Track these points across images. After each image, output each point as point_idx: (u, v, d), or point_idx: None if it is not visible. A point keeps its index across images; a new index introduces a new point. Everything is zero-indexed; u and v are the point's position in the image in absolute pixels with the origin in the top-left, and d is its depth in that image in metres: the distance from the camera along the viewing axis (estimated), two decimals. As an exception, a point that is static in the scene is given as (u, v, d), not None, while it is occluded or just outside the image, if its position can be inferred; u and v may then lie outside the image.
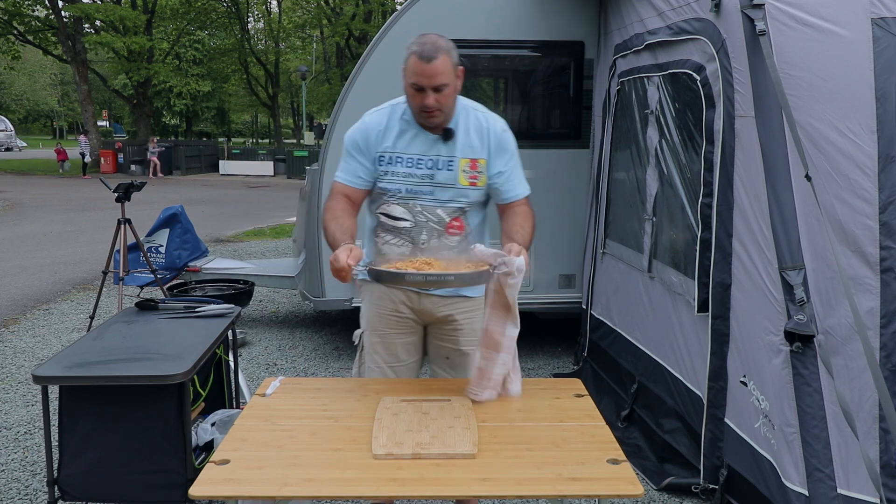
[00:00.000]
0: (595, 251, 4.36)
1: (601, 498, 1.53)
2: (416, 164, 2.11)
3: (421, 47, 1.96)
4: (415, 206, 2.13)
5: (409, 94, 2.04)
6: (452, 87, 2.02)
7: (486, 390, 1.91)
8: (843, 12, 2.45)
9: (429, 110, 2.01)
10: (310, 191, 4.77)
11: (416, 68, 1.96)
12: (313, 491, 1.50)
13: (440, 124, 2.08)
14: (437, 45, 1.97)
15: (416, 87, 1.99)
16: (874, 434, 2.34)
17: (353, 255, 1.88)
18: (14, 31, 23.81)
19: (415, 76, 1.97)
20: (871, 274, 2.37)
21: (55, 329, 5.48)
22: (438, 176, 2.11)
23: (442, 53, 1.96)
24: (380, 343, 2.27)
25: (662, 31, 3.34)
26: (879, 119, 2.38)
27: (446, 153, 2.11)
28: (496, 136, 2.13)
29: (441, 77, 1.96)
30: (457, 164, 2.11)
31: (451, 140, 2.10)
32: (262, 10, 31.76)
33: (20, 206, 14.32)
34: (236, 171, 24.66)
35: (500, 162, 2.13)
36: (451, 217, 2.14)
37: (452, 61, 2.00)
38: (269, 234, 10.79)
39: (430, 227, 2.14)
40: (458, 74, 2.04)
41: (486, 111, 2.18)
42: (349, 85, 4.41)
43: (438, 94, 1.98)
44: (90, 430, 2.31)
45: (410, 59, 1.98)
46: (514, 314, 1.88)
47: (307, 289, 4.89)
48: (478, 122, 2.14)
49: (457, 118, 2.12)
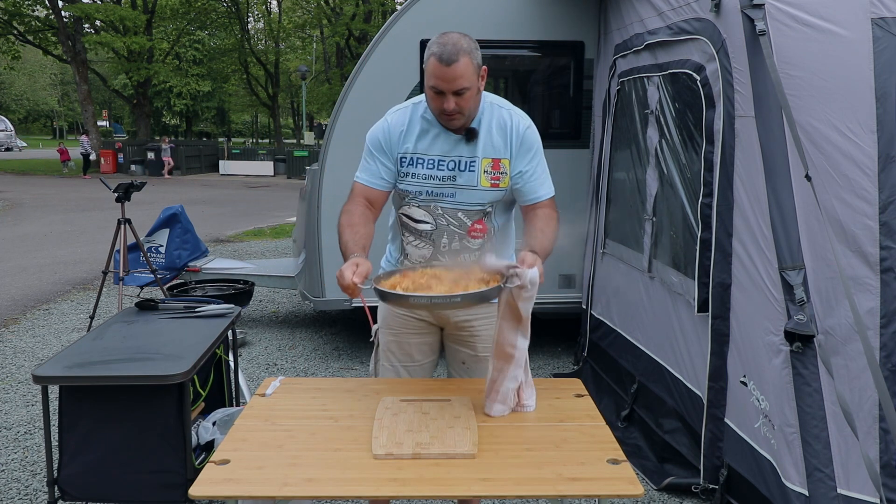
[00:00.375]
0: (595, 251, 4.36)
1: (601, 498, 1.53)
2: (437, 166, 2.03)
3: (441, 49, 1.86)
4: (436, 209, 2.06)
5: (428, 95, 1.96)
6: (474, 89, 1.93)
7: (495, 403, 1.84)
8: (843, 12, 2.45)
9: (449, 114, 1.92)
10: (310, 191, 4.77)
11: (436, 71, 1.87)
12: (313, 491, 1.50)
13: (462, 126, 2.00)
14: (459, 46, 1.86)
15: (435, 90, 1.90)
16: (874, 434, 2.34)
17: (360, 272, 1.79)
18: (14, 31, 23.82)
19: (434, 79, 1.88)
20: (871, 274, 2.37)
21: (55, 329, 5.48)
22: (460, 178, 2.03)
23: (463, 56, 1.86)
24: (394, 342, 2.23)
25: (662, 31, 3.34)
26: (879, 119, 2.38)
27: (468, 154, 2.03)
28: (519, 135, 2.03)
29: (462, 81, 1.87)
30: (478, 164, 2.02)
31: (474, 140, 2.02)
32: (262, 10, 31.77)
33: (20, 206, 14.31)
34: (236, 171, 24.67)
35: (522, 161, 2.04)
36: (472, 220, 2.07)
37: (474, 63, 1.90)
38: (269, 234, 10.79)
39: (451, 230, 2.07)
40: (481, 75, 1.95)
41: (510, 108, 2.08)
42: (349, 85, 4.41)
43: (459, 98, 1.90)
44: (90, 430, 2.31)
45: (430, 61, 1.89)
46: (525, 326, 1.81)
47: (307, 289, 4.89)
48: (501, 120, 2.04)
49: (480, 116, 2.03)
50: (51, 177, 22.90)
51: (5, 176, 22.67)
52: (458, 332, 2.22)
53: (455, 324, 2.20)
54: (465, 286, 1.77)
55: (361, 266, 1.81)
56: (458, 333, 2.22)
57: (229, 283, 5.34)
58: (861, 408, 2.34)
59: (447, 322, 2.21)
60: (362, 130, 2.17)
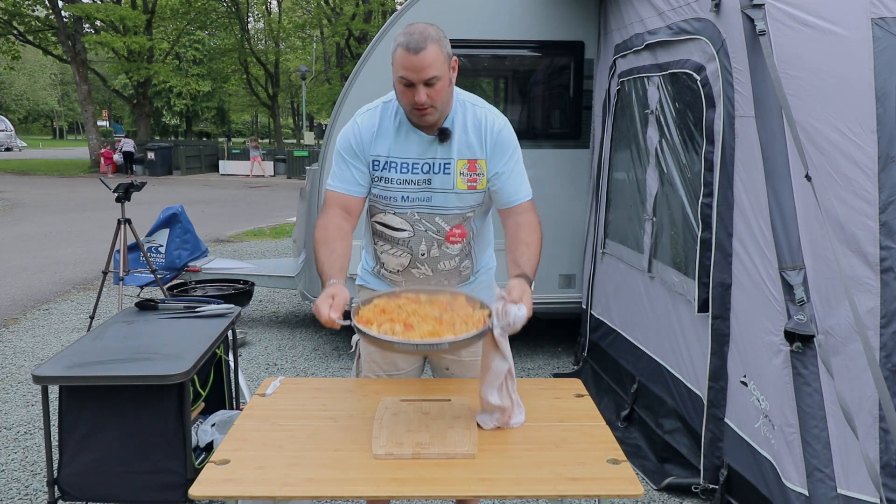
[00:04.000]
0: (595, 251, 4.36)
1: (601, 498, 1.53)
2: (411, 169, 1.94)
3: (408, 38, 1.77)
4: (413, 216, 1.99)
5: (398, 90, 1.86)
6: (445, 79, 1.82)
7: (484, 414, 1.77)
8: (843, 12, 2.45)
9: (421, 107, 1.82)
10: (310, 191, 4.78)
11: (404, 61, 1.77)
12: (313, 491, 1.50)
13: (435, 123, 1.90)
14: (426, 34, 1.77)
15: (405, 81, 1.80)
16: (874, 434, 2.34)
17: (337, 305, 1.70)
18: (14, 31, 23.80)
19: (403, 69, 1.79)
20: (871, 274, 2.37)
21: (55, 329, 5.48)
22: (436, 181, 1.95)
23: (431, 43, 1.76)
24: (377, 352, 2.14)
25: (662, 31, 3.34)
26: (879, 119, 2.38)
27: (442, 155, 1.93)
28: (494, 134, 1.94)
29: (431, 69, 1.77)
30: (454, 166, 1.94)
31: (448, 141, 1.93)
32: (262, 10, 31.78)
33: (20, 206, 14.31)
34: (236, 171, 24.66)
35: (498, 163, 1.95)
36: (451, 225, 2.00)
37: (444, 51, 1.80)
38: (269, 234, 10.79)
39: (429, 236, 2.01)
40: (451, 65, 1.85)
41: (484, 106, 1.99)
42: (349, 85, 4.41)
43: (430, 89, 1.80)
44: (90, 430, 2.31)
45: (397, 52, 1.79)
46: (501, 351, 1.71)
47: (307, 289, 4.89)
48: (475, 119, 1.95)
49: (453, 115, 1.93)
50: (51, 177, 22.87)
51: (5, 176, 22.66)
52: None
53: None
54: (449, 321, 1.69)
55: (338, 298, 1.72)
56: None
57: (229, 283, 5.34)
58: (861, 408, 2.34)
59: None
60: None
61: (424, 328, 1.67)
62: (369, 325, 1.67)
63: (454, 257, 2.07)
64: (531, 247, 1.92)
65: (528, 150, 4.46)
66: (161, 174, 23.48)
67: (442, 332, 1.65)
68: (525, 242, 1.92)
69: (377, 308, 1.77)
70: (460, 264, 2.11)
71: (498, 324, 1.67)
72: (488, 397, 1.73)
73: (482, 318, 1.70)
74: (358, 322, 1.67)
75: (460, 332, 1.64)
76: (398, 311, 1.74)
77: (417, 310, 1.75)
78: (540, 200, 2.13)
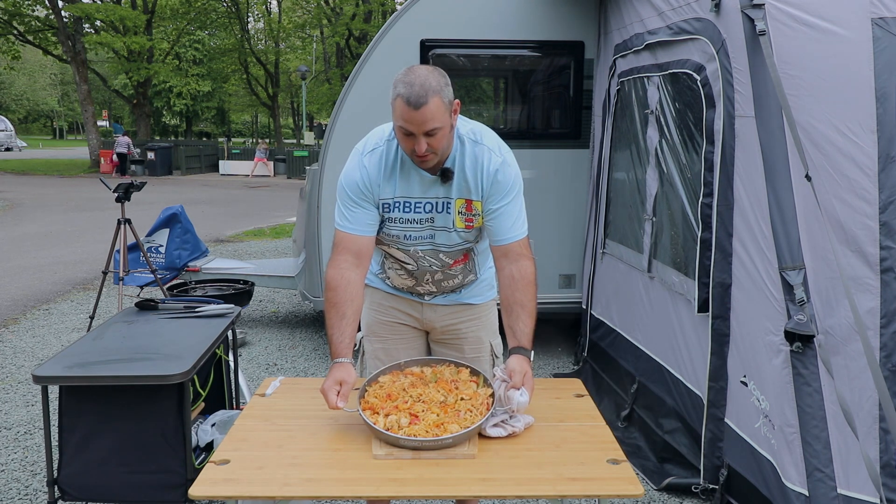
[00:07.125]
0: (595, 251, 4.36)
1: (601, 498, 1.53)
2: (414, 209, 1.95)
3: (408, 90, 1.71)
4: (416, 252, 2.03)
5: (398, 135, 1.83)
6: (446, 128, 1.79)
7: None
8: (843, 12, 2.45)
9: (421, 156, 1.80)
10: (310, 191, 4.77)
11: (404, 114, 1.73)
12: (313, 491, 1.50)
13: (436, 166, 1.89)
14: (427, 86, 1.71)
15: (404, 131, 1.77)
16: (874, 434, 2.34)
17: (344, 394, 1.77)
18: (14, 31, 23.78)
19: (402, 121, 1.75)
20: (871, 274, 2.37)
21: (55, 329, 5.48)
22: (438, 219, 1.97)
23: (433, 96, 1.71)
24: (382, 350, 2.21)
25: (662, 31, 3.34)
26: (879, 119, 2.38)
27: (444, 194, 1.94)
28: (490, 175, 1.90)
29: (432, 122, 1.73)
30: (453, 205, 1.94)
31: (450, 181, 1.91)
32: (262, 10, 31.76)
33: (20, 206, 14.31)
34: (236, 171, 24.66)
35: (493, 202, 1.93)
36: (454, 259, 2.06)
37: (445, 101, 1.75)
38: (269, 234, 10.79)
39: (433, 269, 2.07)
40: (453, 111, 1.81)
41: (483, 143, 1.93)
42: (349, 85, 4.41)
43: (431, 139, 1.77)
44: (90, 430, 2.31)
45: (397, 102, 1.74)
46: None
47: (307, 289, 4.89)
48: (473, 159, 1.91)
49: (454, 153, 1.91)
50: (51, 177, 22.87)
51: (5, 176, 22.65)
52: (444, 335, 2.22)
53: (441, 328, 2.21)
54: (454, 407, 1.77)
55: (345, 386, 1.78)
56: (445, 337, 2.22)
57: (229, 283, 5.34)
58: (861, 408, 2.33)
59: (433, 327, 2.22)
60: (362, 130, 2.14)
61: (430, 419, 1.73)
62: (375, 417, 1.73)
63: (457, 276, 2.13)
64: (526, 308, 1.91)
65: (528, 151, 4.50)
66: (161, 174, 23.47)
67: (447, 420, 1.72)
68: (520, 304, 1.91)
69: (383, 392, 1.84)
70: (464, 279, 2.17)
71: (501, 410, 1.77)
72: (490, 434, 1.77)
73: (486, 402, 1.79)
74: (364, 410, 1.75)
75: (464, 420, 1.72)
76: (403, 396, 1.82)
77: (422, 394, 1.82)
78: (540, 200, 2.14)
